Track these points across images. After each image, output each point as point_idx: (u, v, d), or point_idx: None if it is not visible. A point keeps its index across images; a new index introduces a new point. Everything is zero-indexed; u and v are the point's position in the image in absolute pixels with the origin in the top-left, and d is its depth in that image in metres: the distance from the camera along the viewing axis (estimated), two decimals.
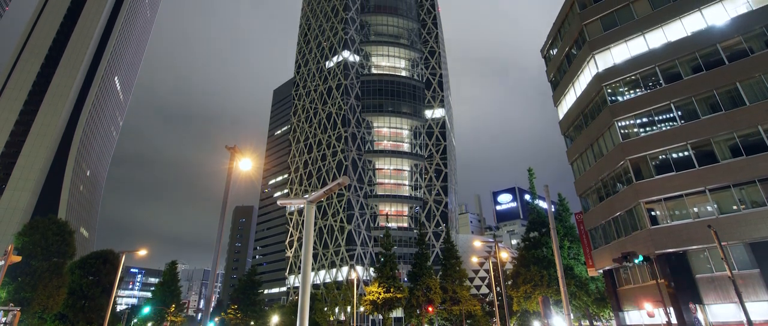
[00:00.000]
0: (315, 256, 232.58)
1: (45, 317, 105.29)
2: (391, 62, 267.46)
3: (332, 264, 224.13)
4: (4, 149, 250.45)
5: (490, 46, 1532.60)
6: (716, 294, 74.34)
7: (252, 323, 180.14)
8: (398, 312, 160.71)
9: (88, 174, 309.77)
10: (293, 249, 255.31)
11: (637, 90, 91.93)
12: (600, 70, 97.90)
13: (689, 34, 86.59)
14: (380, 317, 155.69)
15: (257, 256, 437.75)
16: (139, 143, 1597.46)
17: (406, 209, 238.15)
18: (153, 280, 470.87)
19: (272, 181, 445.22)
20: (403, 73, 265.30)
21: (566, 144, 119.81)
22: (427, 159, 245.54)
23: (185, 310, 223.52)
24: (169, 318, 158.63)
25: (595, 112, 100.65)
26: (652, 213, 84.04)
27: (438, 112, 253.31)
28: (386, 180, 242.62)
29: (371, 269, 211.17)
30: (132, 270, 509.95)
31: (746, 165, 74.20)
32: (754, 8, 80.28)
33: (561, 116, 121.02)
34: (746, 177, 73.93)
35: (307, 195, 39.79)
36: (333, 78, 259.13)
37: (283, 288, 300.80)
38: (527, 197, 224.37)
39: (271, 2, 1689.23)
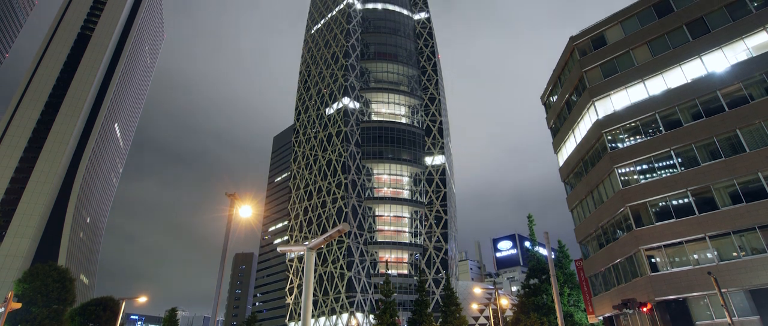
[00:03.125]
0: (315, 303, 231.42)
1: None
2: (391, 109, 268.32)
3: (332, 311, 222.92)
4: (5, 196, 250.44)
5: (490, 94, 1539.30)
6: None
7: None
8: None
9: (88, 220, 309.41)
10: (293, 296, 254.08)
11: (637, 137, 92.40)
12: (600, 116, 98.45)
13: (689, 81, 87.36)
14: None
15: (257, 303, 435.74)
16: (139, 189, 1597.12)
17: (406, 256, 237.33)
18: None
19: (272, 228, 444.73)
20: (404, 120, 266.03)
21: (566, 191, 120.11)
22: (427, 206, 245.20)
23: None
24: None
25: (594, 159, 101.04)
26: (652, 260, 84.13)
27: (438, 159, 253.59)
28: (386, 227, 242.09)
29: (371, 316, 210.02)
30: (132, 316, 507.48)
31: (746, 212, 74.46)
32: (754, 55, 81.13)
33: (561, 163, 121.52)
34: (746, 224, 74.17)
35: (307, 242, 39.88)
36: (333, 125, 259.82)
37: None
38: (527, 244, 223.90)
39: (271, 49, 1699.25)
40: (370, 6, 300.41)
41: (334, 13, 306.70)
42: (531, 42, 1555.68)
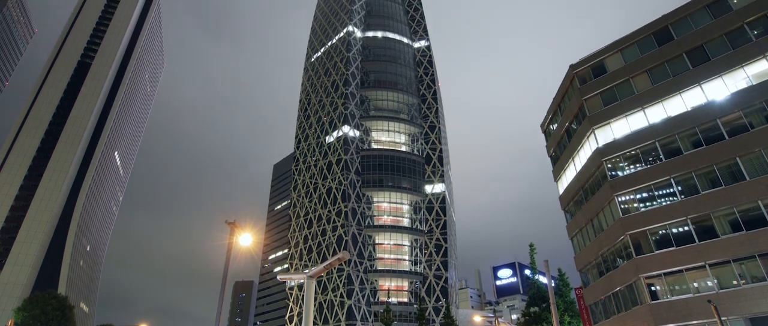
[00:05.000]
0: None
1: None
2: (391, 137, 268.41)
3: None
4: (5, 224, 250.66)
5: (490, 122, 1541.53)
6: None
7: None
8: None
9: (88, 248, 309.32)
10: (293, 324, 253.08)
11: (637, 165, 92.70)
12: (600, 144, 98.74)
13: (689, 109, 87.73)
14: None
15: None
16: (138, 217, 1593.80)
17: (406, 284, 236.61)
18: None
19: (272, 256, 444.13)
20: (403, 148, 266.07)
21: (566, 219, 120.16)
22: (427, 234, 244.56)
23: None
24: None
25: (595, 187, 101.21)
26: (652, 288, 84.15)
27: (438, 187, 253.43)
28: (386, 255, 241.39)
29: None
30: None
31: (746, 240, 74.56)
32: (753, 83, 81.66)
33: (561, 191, 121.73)
34: (746, 252, 74.29)
35: (307, 270, 40.24)
36: (333, 153, 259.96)
37: None
38: (527, 272, 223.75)
39: (271, 77, 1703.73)
40: (370, 34, 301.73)
41: (334, 41, 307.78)
42: (531, 70, 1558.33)
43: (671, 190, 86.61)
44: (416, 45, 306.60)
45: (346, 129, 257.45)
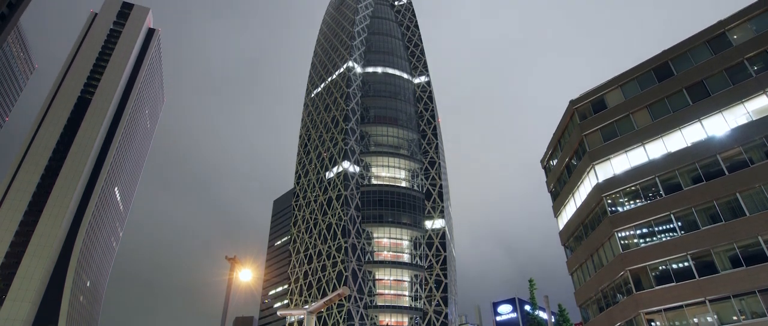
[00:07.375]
0: None
1: None
2: (391, 172, 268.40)
3: None
4: (4, 260, 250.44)
5: (491, 155, 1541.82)
6: None
7: None
8: None
9: (88, 284, 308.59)
10: None
11: (637, 200, 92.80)
12: (600, 180, 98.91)
13: (689, 145, 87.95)
14: None
15: None
16: (138, 252, 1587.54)
17: (406, 320, 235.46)
18: None
19: (272, 292, 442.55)
20: (403, 184, 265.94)
21: (566, 254, 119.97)
22: (427, 269, 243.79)
23: None
24: None
25: (595, 223, 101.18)
26: (652, 324, 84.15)
27: (438, 223, 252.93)
28: (386, 291, 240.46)
29: None
30: None
31: (746, 275, 74.61)
32: (754, 119, 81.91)
33: (561, 227, 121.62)
34: (746, 288, 74.30)
35: (307, 306, 40.30)
36: (333, 188, 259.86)
37: None
38: (528, 308, 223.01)
39: (271, 112, 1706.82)
40: (370, 70, 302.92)
41: (334, 77, 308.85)
42: (532, 106, 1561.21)
43: (671, 226, 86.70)
44: (416, 80, 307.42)
45: (346, 164, 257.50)
